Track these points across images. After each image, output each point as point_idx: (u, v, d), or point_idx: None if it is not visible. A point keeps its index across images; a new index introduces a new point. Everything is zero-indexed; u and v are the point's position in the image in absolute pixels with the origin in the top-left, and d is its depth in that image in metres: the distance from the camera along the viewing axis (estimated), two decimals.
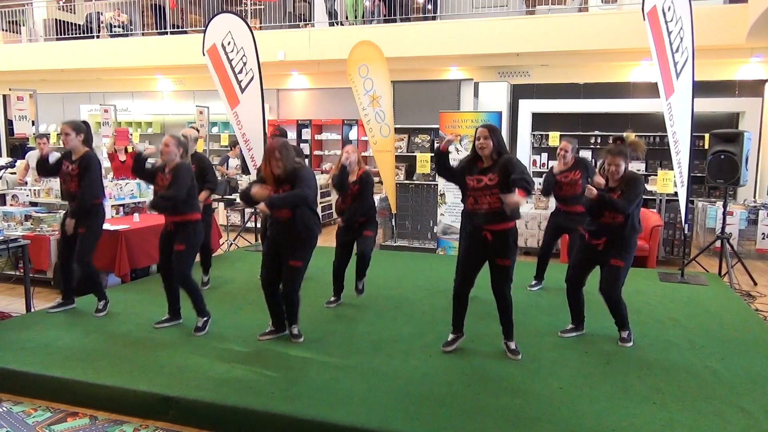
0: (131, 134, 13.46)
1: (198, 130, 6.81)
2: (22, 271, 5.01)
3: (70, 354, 3.84)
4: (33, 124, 7.86)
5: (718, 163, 6.22)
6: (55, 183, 6.86)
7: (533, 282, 5.67)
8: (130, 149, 8.76)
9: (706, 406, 3.20)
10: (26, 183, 7.99)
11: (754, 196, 9.40)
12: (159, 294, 5.25)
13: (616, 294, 4.09)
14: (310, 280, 5.91)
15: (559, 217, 5.44)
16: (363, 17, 11.39)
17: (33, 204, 6.94)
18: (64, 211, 4.87)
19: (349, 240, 4.97)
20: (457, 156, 7.40)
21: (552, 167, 5.44)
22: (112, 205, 6.64)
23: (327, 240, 8.42)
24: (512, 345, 3.93)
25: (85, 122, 4.79)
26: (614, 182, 4.07)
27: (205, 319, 4.35)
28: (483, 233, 3.75)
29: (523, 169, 3.62)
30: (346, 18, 11.43)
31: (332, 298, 5.08)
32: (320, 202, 10.05)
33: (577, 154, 5.34)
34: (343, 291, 5.08)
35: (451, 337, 4.04)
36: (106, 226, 5.91)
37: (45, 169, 4.69)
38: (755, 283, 6.43)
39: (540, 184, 5.60)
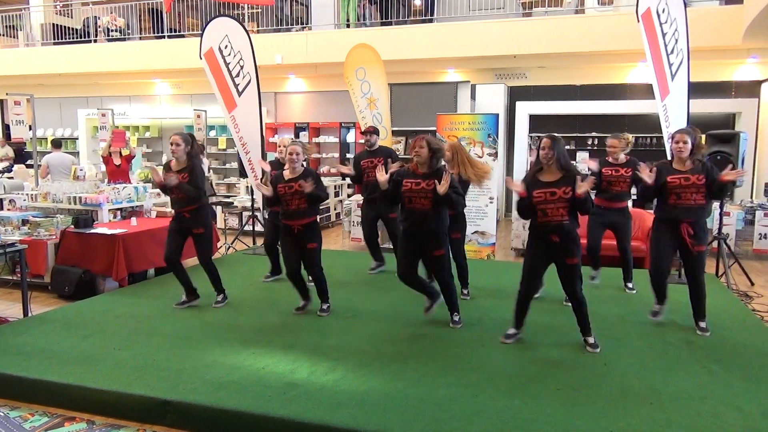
0: (128, 137, 13.49)
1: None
2: (19, 275, 5.01)
3: (67, 358, 3.84)
4: (30, 129, 7.84)
5: (715, 163, 6.23)
6: (51, 186, 6.85)
7: (592, 274, 5.59)
8: (126, 152, 8.73)
9: (703, 407, 3.20)
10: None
11: (751, 197, 9.42)
12: (157, 297, 5.27)
13: (703, 278, 4.40)
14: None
15: (602, 215, 5.33)
16: (356, 20, 11.42)
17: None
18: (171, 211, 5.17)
19: None
20: None
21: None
22: (110, 210, 6.63)
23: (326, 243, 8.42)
24: (591, 339, 4.06)
25: (191, 135, 5.00)
26: (681, 162, 4.24)
27: (329, 304, 4.84)
28: (552, 238, 3.91)
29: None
30: (347, 21, 11.45)
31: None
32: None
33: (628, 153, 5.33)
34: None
35: (512, 331, 4.20)
36: (102, 230, 5.95)
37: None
38: (752, 284, 6.44)
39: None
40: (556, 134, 3.94)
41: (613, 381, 3.53)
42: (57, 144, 9.22)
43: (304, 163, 4.73)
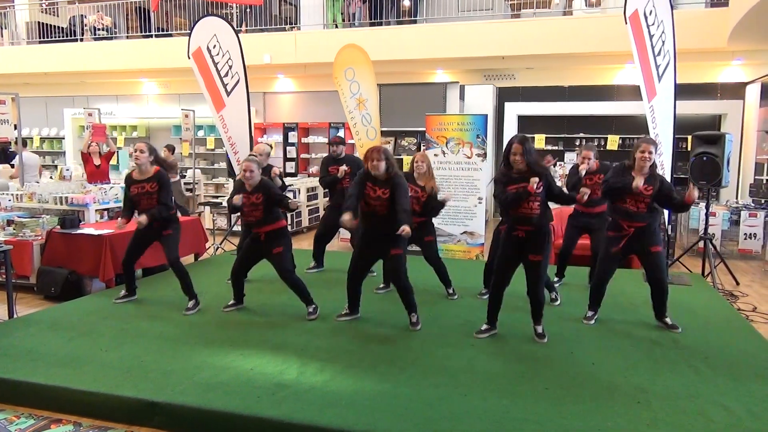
0: (114, 137, 13.37)
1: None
2: (4, 277, 4.95)
3: (53, 360, 3.80)
4: (15, 128, 7.76)
5: (701, 164, 6.30)
6: (37, 187, 6.78)
7: (555, 279, 5.70)
8: (106, 149, 8.65)
9: (690, 405, 3.23)
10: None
11: (736, 197, 9.53)
12: (144, 298, 5.24)
13: (666, 278, 4.51)
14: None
15: (579, 219, 5.51)
16: (343, 21, 11.42)
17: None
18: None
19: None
20: (444, 158, 7.43)
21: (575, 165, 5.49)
22: (96, 210, 6.57)
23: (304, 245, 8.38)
24: (539, 329, 4.23)
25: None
26: (643, 173, 4.32)
27: (314, 306, 4.77)
28: (515, 232, 4.08)
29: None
30: (335, 22, 11.44)
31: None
32: (307, 205, 10.02)
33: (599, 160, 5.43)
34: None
35: (484, 326, 4.35)
36: (89, 230, 5.90)
37: None
38: (738, 283, 6.51)
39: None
40: (525, 135, 4.09)
41: (601, 380, 3.56)
42: (23, 143, 9.12)
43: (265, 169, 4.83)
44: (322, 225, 6.43)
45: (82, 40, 12.93)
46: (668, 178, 6.12)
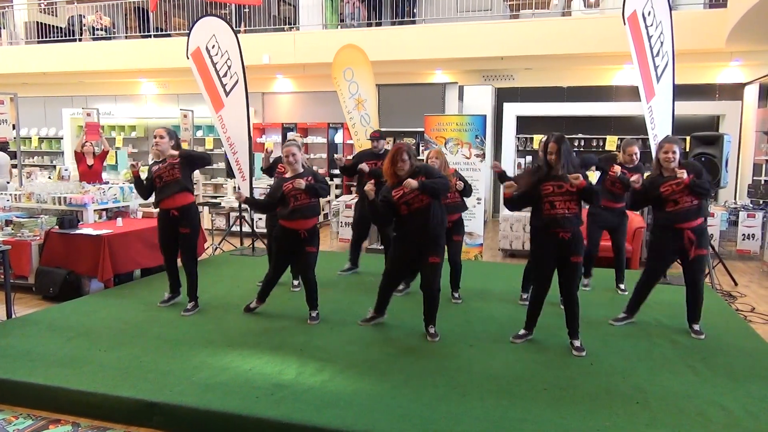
0: (113, 137, 13.36)
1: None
2: (2, 277, 4.94)
3: (52, 360, 3.80)
4: (14, 128, 7.75)
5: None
6: (35, 187, 6.77)
7: (584, 281, 5.62)
8: (100, 148, 8.63)
9: (688, 405, 3.23)
10: None
11: (735, 198, 9.54)
12: (143, 299, 5.24)
13: (702, 282, 4.38)
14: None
15: (602, 215, 5.32)
16: (342, 21, 11.42)
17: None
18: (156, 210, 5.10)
19: None
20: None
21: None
22: (95, 210, 6.57)
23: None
24: (577, 343, 4.04)
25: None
26: (669, 172, 4.25)
27: (318, 312, 4.68)
28: (561, 235, 3.94)
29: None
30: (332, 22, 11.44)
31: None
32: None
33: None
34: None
35: (522, 332, 4.26)
36: (87, 230, 5.89)
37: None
38: (736, 284, 6.51)
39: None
40: (562, 134, 3.97)
41: (600, 380, 3.56)
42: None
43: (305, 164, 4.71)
44: (359, 225, 6.22)
45: (80, 40, 12.91)
46: None
